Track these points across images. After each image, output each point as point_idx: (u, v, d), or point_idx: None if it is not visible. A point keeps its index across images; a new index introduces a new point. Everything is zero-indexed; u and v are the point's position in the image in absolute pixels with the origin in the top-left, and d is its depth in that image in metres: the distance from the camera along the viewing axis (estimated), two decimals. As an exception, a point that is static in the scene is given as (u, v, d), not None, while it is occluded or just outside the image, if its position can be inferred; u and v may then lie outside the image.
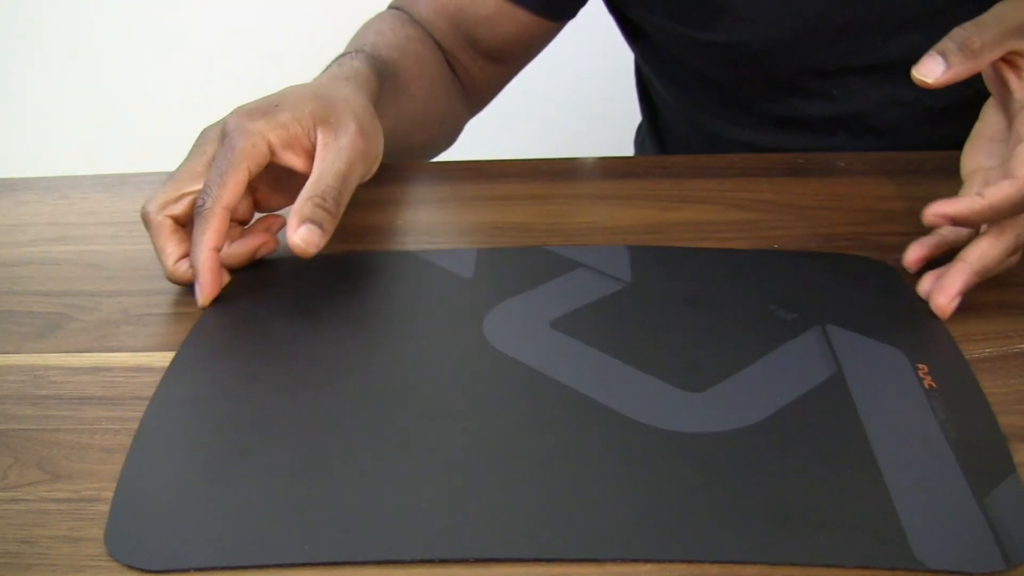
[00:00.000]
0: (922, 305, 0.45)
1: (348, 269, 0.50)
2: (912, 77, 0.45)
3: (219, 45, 1.26)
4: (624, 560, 0.32)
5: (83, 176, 0.61)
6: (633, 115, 0.83)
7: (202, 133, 0.49)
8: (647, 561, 0.32)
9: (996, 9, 0.46)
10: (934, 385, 0.40)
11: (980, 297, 0.46)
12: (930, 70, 0.44)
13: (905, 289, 0.46)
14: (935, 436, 0.37)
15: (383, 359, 0.42)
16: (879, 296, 0.46)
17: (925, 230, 0.52)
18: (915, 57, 0.50)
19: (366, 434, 0.38)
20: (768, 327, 0.43)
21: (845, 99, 0.63)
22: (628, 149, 0.86)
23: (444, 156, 0.71)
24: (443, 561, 0.32)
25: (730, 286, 0.47)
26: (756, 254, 0.50)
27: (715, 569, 0.32)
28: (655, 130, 0.80)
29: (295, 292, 0.48)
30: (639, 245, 0.51)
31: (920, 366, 0.41)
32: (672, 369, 0.41)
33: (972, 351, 0.42)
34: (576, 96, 1.32)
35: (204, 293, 0.46)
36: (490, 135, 0.88)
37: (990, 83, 0.47)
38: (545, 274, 0.48)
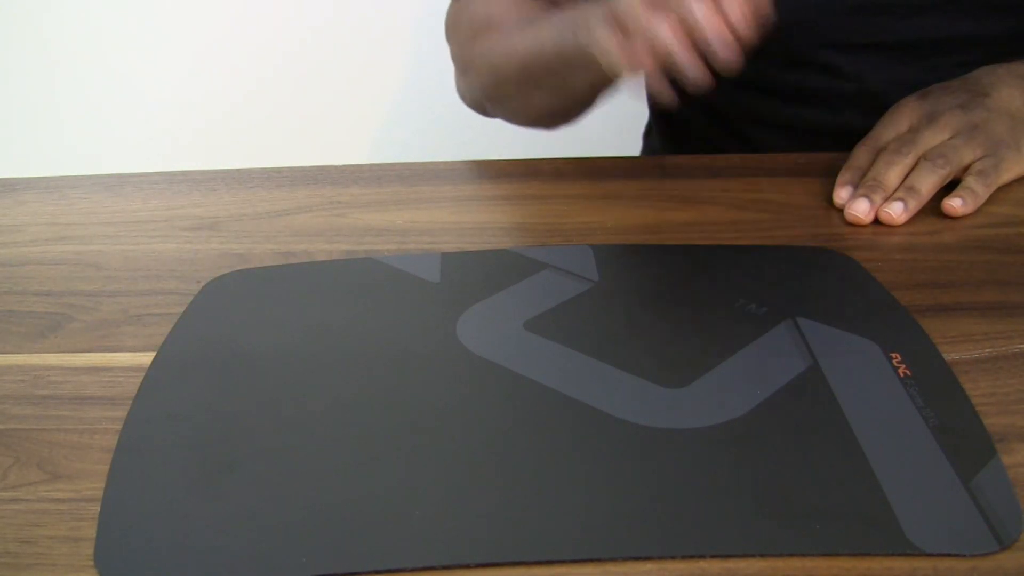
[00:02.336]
0: (888, 296, 0.45)
1: (312, 277, 0.49)
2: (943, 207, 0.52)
3: (219, 45, 1.26)
4: (624, 559, 0.32)
5: (83, 176, 0.61)
6: (639, 114, 0.83)
7: None
8: (646, 559, 0.32)
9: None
10: (909, 373, 0.40)
11: (980, 297, 0.46)
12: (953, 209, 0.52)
13: (869, 280, 0.47)
14: (916, 423, 0.37)
15: (360, 368, 0.42)
16: (844, 288, 0.47)
17: (925, 231, 0.52)
18: (926, 38, 0.48)
19: (351, 444, 0.38)
20: (740, 321, 0.44)
21: (857, 77, 0.64)
22: (634, 148, 0.86)
23: (447, 157, 0.71)
24: (445, 567, 0.32)
25: (697, 282, 0.48)
26: (718, 249, 0.50)
27: (714, 566, 0.32)
28: (663, 124, 0.79)
29: (262, 304, 0.47)
30: (603, 244, 0.51)
31: (893, 355, 0.41)
32: (652, 366, 0.41)
33: (972, 351, 0.42)
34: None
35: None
36: (491, 134, 0.88)
37: None
38: (512, 276, 0.48)
